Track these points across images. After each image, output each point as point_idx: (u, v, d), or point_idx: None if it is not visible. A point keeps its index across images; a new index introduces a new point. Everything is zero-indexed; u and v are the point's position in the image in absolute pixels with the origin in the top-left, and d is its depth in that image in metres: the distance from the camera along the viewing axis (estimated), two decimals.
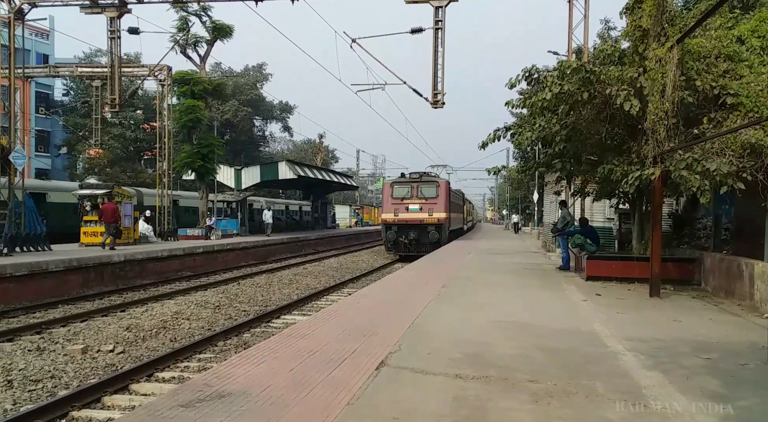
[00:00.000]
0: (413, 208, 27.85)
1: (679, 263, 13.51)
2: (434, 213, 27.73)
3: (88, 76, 31.66)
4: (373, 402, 4.93)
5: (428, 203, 27.86)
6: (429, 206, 27.77)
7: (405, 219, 27.80)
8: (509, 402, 4.98)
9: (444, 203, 28.24)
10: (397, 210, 28.01)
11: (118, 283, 18.60)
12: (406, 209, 27.88)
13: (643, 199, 14.21)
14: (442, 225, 27.89)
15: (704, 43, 11.36)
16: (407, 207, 27.86)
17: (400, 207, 28.00)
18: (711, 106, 11.24)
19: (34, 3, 19.99)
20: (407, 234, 27.86)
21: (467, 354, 6.52)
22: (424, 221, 27.61)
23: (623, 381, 5.61)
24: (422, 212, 27.75)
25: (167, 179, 29.29)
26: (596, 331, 7.97)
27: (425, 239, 27.63)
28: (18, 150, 19.21)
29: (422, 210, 27.77)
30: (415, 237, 27.81)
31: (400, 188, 28.61)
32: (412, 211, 27.86)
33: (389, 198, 28.57)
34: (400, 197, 28.27)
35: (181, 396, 5.05)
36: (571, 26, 19.85)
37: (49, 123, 52.75)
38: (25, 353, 9.87)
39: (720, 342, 7.44)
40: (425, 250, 26.23)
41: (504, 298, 11.00)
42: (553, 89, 11.54)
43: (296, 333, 7.68)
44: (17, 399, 7.64)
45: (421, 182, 28.56)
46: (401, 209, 27.96)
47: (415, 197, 28.02)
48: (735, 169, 10.07)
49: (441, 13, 18.39)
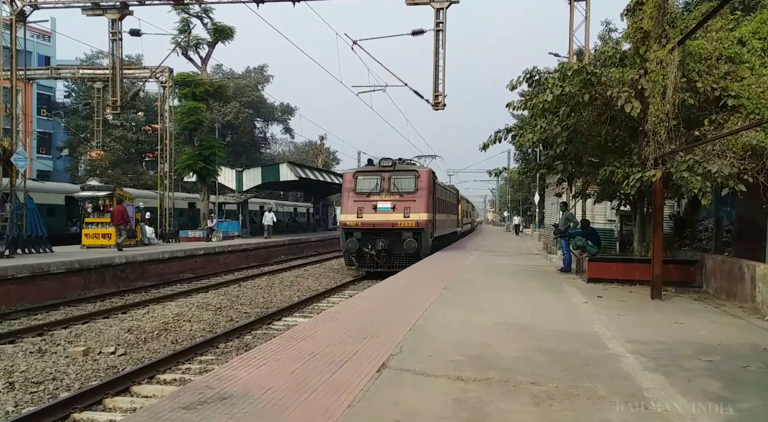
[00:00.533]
0: (383, 207, 21.18)
1: (681, 265, 13.50)
2: (412, 213, 20.99)
3: (90, 77, 31.70)
4: (375, 405, 4.93)
5: (404, 200, 21.26)
6: (405, 204, 21.14)
7: (372, 222, 21.05)
8: (510, 404, 4.97)
9: (425, 200, 21.49)
10: (362, 209, 21.25)
11: (120, 285, 18.61)
12: (373, 208, 21.17)
13: (644, 200, 14.21)
14: (423, 231, 21.13)
15: (705, 44, 11.37)
16: (375, 205, 21.18)
17: (366, 205, 21.30)
18: (712, 107, 11.24)
19: (35, 5, 20.05)
20: (374, 242, 21.01)
21: (468, 357, 6.51)
22: (397, 225, 20.96)
23: (625, 383, 5.60)
24: (395, 212, 21.11)
25: (168, 181, 29.32)
26: (597, 333, 7.96)
27: (399, 249, 20.93)
28: (20, 152, 19.26)
29: (396, 209, 21.12)
30: (386, 246, 20.99)
31: (366, 179, 21.97)
32: (382, 210, 21.17)
33: (351, 193, 21.77)
34: (366, 192, 21.57)
35: (183, 398, 5.05)
36: (572, 28, 19.85)
37: (50, 125, 52.85)
38: (27, 355, 9.87)
39: (721, 344, 7.43)
40: (399, 264, 20.08)
41: (505, 300, 10.99)
42: (554, 91, 11.55)
43: (297, 335, 7.68)
44: (19, 401, 7.65)
45: (395, 172, 21.88)
46: (367, 208, 21.25)
47: (387, 192, 21.41)
48: (736, 171, 10.08)
49: (442, 15, 18.42)
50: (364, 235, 21.18)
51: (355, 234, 21.23)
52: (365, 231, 21.18)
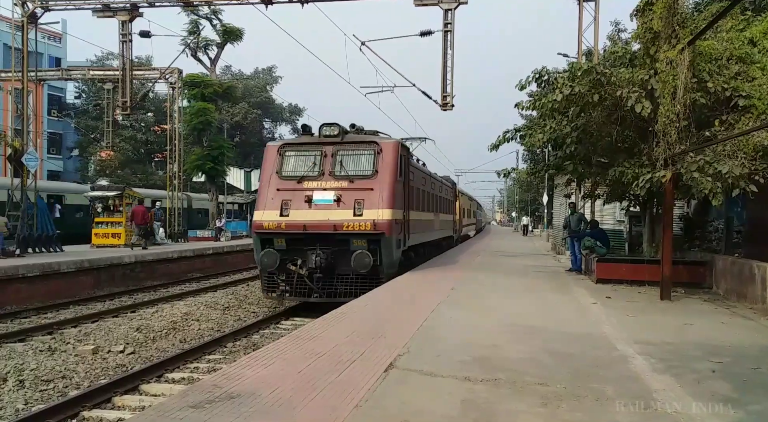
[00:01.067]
0: (322, 200, 13.81)
1: (690, 266, 13.42)
2: (368, 209, 13.60)
3: (100, 78, 31.94)
4: (382, 404, 4.92)
5: (356, 189, 13.86)
6: (357, 195, 13.74)
7: (302, 223, 13.54)
8: (518, 405, 4.95)
9: (390, 189, 13.91)
10: (288, 204, 13.88)
11: (129, 284, 18.70)
12: (306, 202, 13.81)
13: (653, 201, 14.14)
14: (383, 237, 13.52)
15: (716, 44, 11.31)
16: (310, 197, 13.82)
17: (296, 197, 13.94)
18: (723, 108, 11.17)
19: (47, 7, 20.17)
20: (305, 256, 13.58)
21: (476, 357, 6.49)
22: (343, 227, 13.40)
23: (634, 384, 5.57)
24: (341, 208, 13.69)
25: (177, 181, 29.45)
26: (606, 334, 7.92)
27: (345, 267, 13.49)
28: (31, 152, 19.41)
29: (342, 203, 13.73)
30: (324, 262, 13.41)
31: (297, 156, 14.63)
32: (321, 204, 13.78)
33: (274, 178, 14.41)
34: (297, 176, 14.21)
35: (191, 397, 5.06)
36: (581, 28, 19.77)
37: (61, 125, 53.14)
38: (37, 353, 9.94)
39: (732, 345, 7.37)
40: (346, 291, 13.25)
41: (513, 301, 10.96)
42: (564, 91, 11.50)
43: (305, 335, 7.68)
44: (29, 399, 7.71)
45: (343, 145, 14.47)
46: (297, 202, 13.89)
47: (329, 176, 14.10)
48: (747, 172, 10.02)
49: (450, 16, 18.37)
50: (290, 244, 13.69)
51: (276, 242, 13.73)
52: (292, 237, 13.63)
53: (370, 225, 13.25)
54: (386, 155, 14.14)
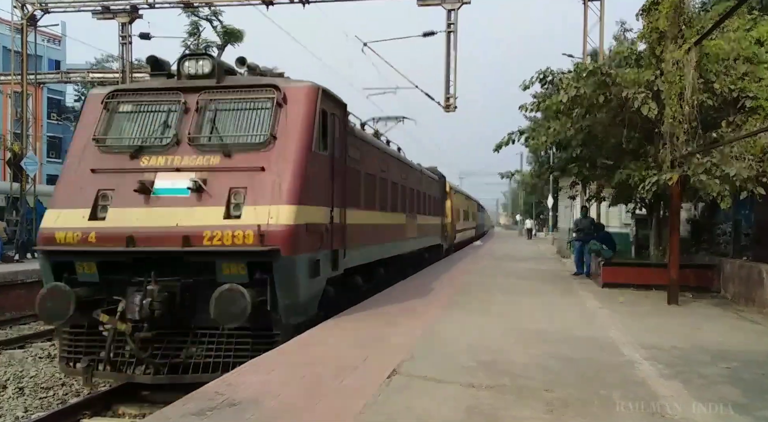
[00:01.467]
0: (170, 190, 7.57)
1: (698, 270, 13.27)
2: (250, 205, 7.42)
3: (100, 81, 31.87)
4: (385, 411, 4.83)
5: (232, 169, 7.64)
6: (234, 180, 7.58)
7: (127, 232, 7.28)
8: (523, 411, 4.87)
9: (298, 167, 7.75)
10: (107, 197, 7.69)
11: None
12: (140, 192, 7.52)
13: (660, 204, 14.02)
14: (280, 260, 7.24)
15: (722, 45, 11.18)
16: (148, 183, 7.57)
17: (123, 184, 7.62)
18: (730, 109, 11.06)
19: (46, 9, 20.16)
20: (129, 294, 7.13)
21: (481, 362, 6.39)
22: (203, 240, 7.18)
23: (640, 390, 5.48)
24: (203, 204, 7.45)
25: None
26: (613, 339, 7.81)
27: (202, 315, 7.16)
28: (30, 156, 19.38)
29: (207, 195, 7.49)
30: (162, 306, 6.93)
31: (134, 113, 8.48)
32: (166, 196, 7.56)
33: (89, 149, 8.10)
34: (129, 147, 8.05)
35: (192, 405, 4.97)
36: (586, 28, 19.69)
37: (60, 129, 53.05)
38: (36, 360, 9.89)
39: (740, 350, 7.28)
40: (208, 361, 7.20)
41: (518, 305, 10.84)
42: (569, 92, 11.39)
43: (308, 341, 7.57)
44: (28, 407, 7.66)
45: (218, 91, 8.26)
46: (123, 193, 7.60)
47: (187, 145, 7.89)
48: (755, 174, 9.89)
49: (453, 16, 18.29)
50: (106, 272, 7.51)
51: (79, 268, 7.55)
52: (108, 261, 7.51)
53: (253, 236, 7.20)
54: (293, 109, 8.10)
